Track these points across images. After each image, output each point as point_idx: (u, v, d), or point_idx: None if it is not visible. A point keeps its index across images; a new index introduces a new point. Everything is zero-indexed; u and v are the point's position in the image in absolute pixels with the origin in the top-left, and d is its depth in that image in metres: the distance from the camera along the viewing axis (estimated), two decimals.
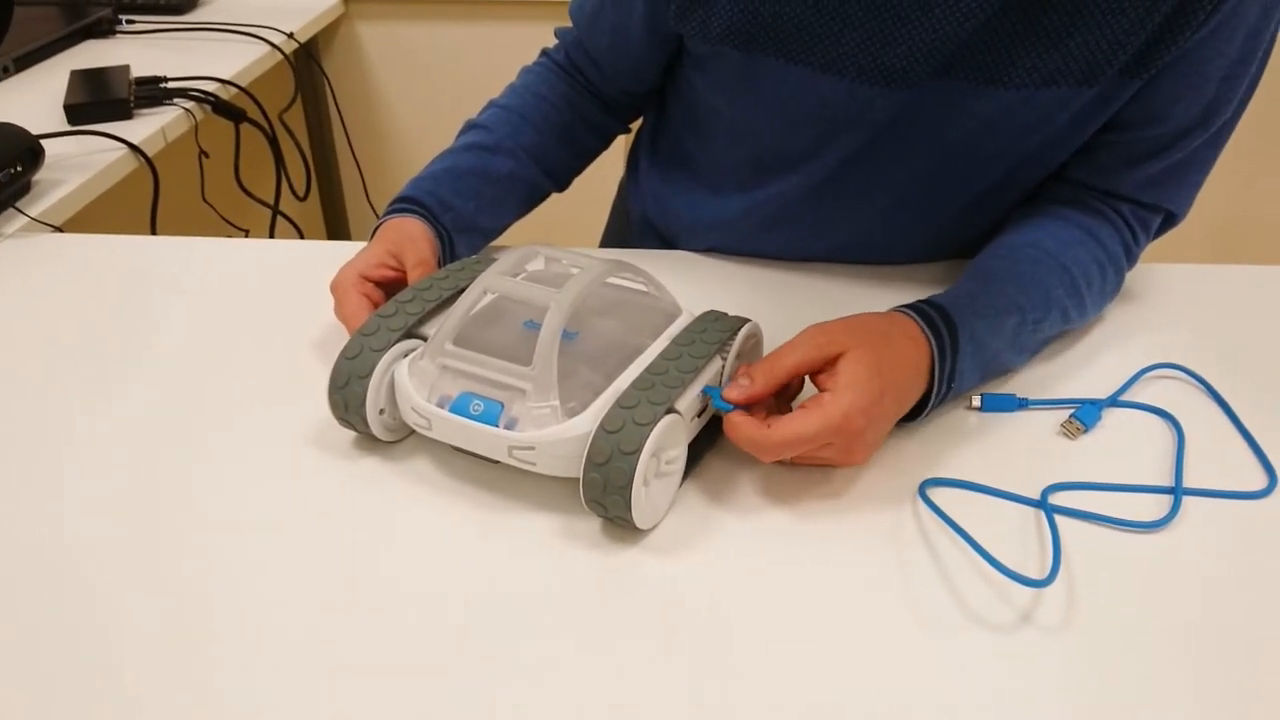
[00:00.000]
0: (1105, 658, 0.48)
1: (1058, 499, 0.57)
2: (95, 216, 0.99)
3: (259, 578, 0.51)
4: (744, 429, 0.54)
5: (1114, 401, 0.64)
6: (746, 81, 0.69)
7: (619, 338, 0.59)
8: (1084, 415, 0.62)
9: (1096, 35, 0.60)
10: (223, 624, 0.49)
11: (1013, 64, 0.62)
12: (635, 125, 0.91)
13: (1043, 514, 0.55)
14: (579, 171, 0.86)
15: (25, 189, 0.93)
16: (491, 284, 0.56)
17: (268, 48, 1.40)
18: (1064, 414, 0.63)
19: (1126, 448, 0.61)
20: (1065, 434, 0.62)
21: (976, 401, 0.63)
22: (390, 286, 0.68)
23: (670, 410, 0.52)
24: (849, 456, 0.56)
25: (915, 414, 0.60)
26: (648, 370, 0.54)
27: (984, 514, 0.55)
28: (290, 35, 1.47)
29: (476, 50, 1.76)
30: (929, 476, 0.58)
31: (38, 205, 0.91)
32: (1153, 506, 0.56)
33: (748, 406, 0.55)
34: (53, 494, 0.57)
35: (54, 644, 0.48)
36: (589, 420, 0.52)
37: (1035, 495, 0.57)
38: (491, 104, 0.82)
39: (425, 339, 0.59)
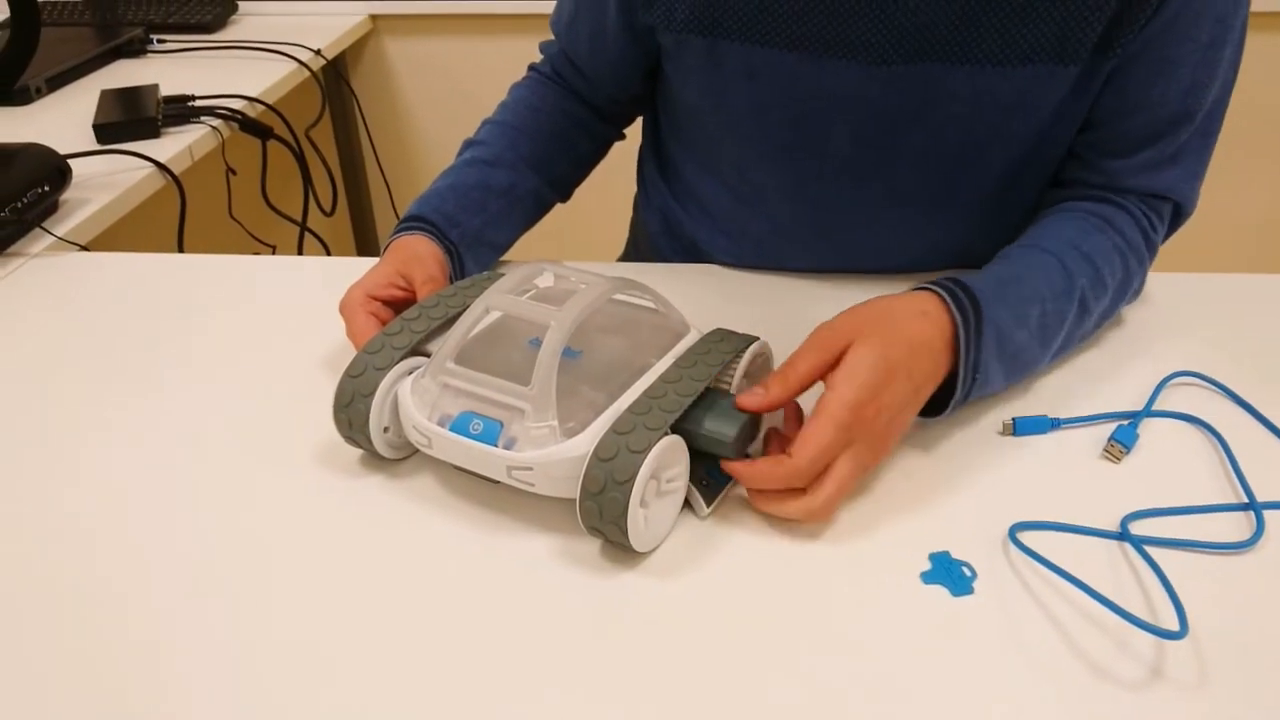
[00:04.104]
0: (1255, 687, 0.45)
1: (1138, 528, 0.53)
2: (123, 235, 1.01)
3: (260, 592, 0.51)
4: (761, 469, 0.52)
5: (1149, 413, 0.62)
6: (714, 69, 0.70)
7: (624, 356, 0.58)
8: (1123, 436, 0.60)
9: (1065, 7, 0.61)
10: (224, 636, 0.49)
11: (984, 39, 0.63)
12: (636, 135, 0.90)
13: (1128, 546, 0.52)
14: (580, 180, 0.86)
15: (52, 208, 0.94)
16: (493, 302, 0.56)
17: (295, 65, 1.42)
18: (1097, 430, 0.61)
19: (1174, 464, 0.59)
20: (1108, 457, 0.59)
21: (1008, 423, 0.61)
22: (399, 306, 0.67)
23: (668, 432, 0.51)
24: (879, 450, 0.53)
25: (939, 408, 0.58)
26: (646, 394, 0.53)
27: (1065, 551, 0.52)
28: (318, 52, 1.49)
29: (504, 66, 1.74)
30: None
31: (64, 225, 0.92)
32: (1227, 524, 0.54)
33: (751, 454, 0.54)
34: (70, 508, 0.58)
35: (59, 649, 0.48)
36: (588, 441, 0.51)
37: (1111, 526, 0.54)
38: (486, 121, 0.82)
39: (431, 356, 0.59)
